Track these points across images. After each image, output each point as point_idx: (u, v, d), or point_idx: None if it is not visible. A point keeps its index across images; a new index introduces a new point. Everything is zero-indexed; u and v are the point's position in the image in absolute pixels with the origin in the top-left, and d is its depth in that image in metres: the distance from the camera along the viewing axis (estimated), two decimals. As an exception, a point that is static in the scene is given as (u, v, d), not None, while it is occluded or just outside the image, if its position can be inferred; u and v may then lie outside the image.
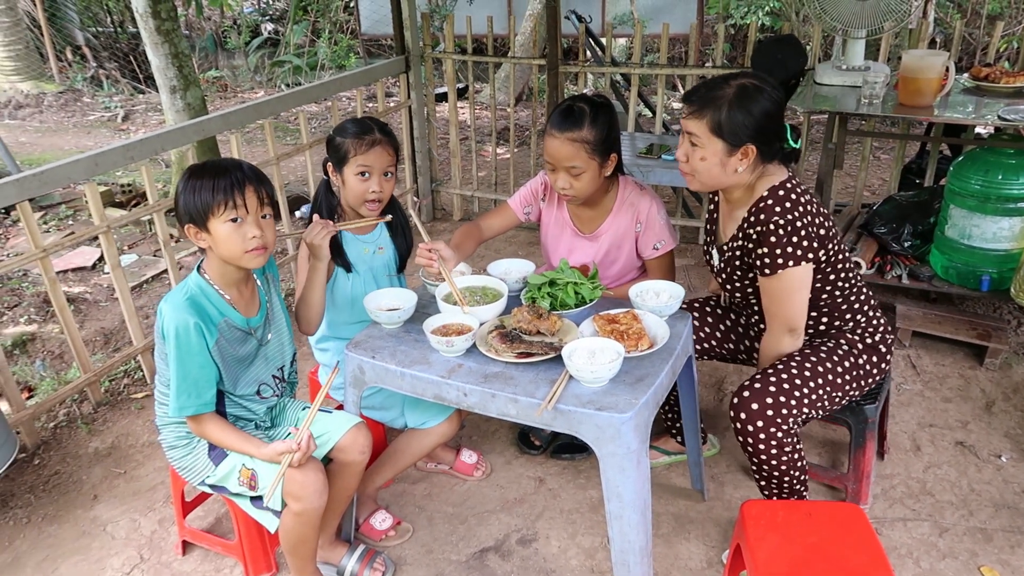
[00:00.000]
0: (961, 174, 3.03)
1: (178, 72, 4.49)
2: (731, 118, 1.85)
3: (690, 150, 1.94)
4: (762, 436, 1.91)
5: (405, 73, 4.49)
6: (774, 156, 1.94)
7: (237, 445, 1.90)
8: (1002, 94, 3.06)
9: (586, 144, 2.14)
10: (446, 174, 5.01)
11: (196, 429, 1.91)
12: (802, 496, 2.07)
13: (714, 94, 1.87)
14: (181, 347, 1.79)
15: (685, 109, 1.93)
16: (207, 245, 1.82)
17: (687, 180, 2.02)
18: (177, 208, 1.81)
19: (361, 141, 2.14)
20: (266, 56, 9.97)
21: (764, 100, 1.86)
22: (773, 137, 1.91)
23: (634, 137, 3.96)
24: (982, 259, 3.06)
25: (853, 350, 2.07)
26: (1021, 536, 2.24)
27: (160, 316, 1.83)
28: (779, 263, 1.89)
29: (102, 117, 8.42)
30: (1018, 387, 2.94)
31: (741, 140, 1.87)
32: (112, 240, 2.90)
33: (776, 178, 1.95)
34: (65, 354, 3.49)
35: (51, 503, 2.54)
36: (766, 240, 1.89)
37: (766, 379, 1.96)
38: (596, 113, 2.16)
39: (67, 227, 5.06)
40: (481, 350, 1.85)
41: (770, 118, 1.88)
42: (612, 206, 2.35)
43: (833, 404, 2.04)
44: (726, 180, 1.95)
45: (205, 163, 1.82)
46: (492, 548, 2.28)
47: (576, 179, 2.19)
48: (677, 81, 8.31)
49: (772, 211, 1.89)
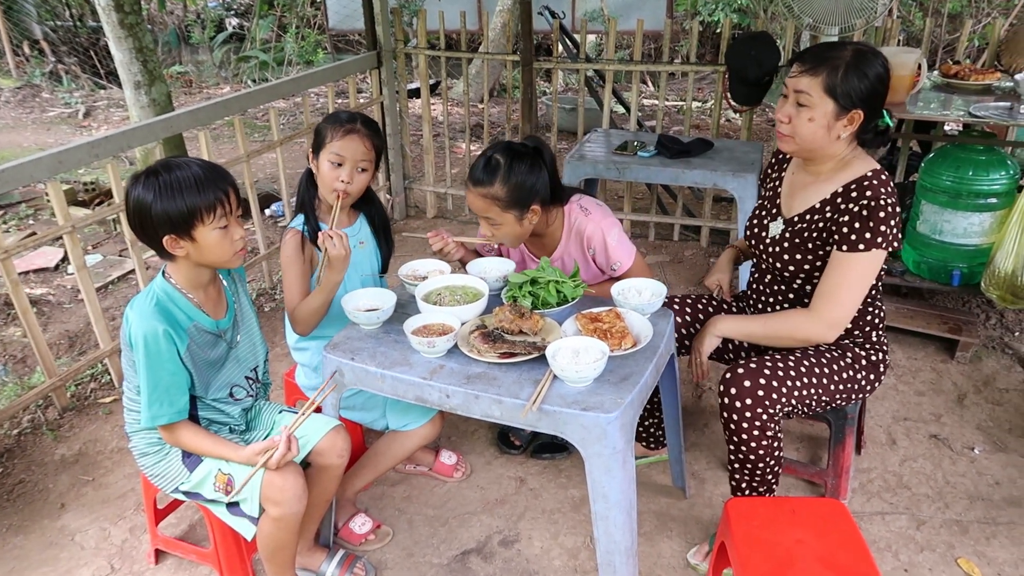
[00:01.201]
0: (932, 170, 3.07)
1: (142, 67, 4.39)
2: (847, 79, 1.83)
3: (794, 111, 1.90)
4: (747, 415, 1.90)
5: (377, 69, 4.43)
6: (870, 133, 1.93)
7: (213, 451, 1.84)
8: (971, 91, 3.12)
9: (497, 200, 2.10)
10: (419, 171, 4.97)
11: (169, 438, 1.85)
12: (772, 489, 2.06)
13: (831, 54, 1.86)
14: (151, 355, 1.73)
15: (795, 69, 1.89)
16: (185, 254, 1.75)
17: (783, 142, 1.97)
18: (146, 218, 1.69)
19: (339, 128, 2.10)
20: (231, 51, 9.79)
21: (879, 66, 1.86)
22: (880, 107, 1.90)
23: (609, 134, 3.95)
24: (953, 254, 3.11)
25: (855, 364, 2.06)
26: (996, 527, 2.27)
27: (127, 323, 1.77)
28: (869, 239, 1.85)
29: (62, 113, 8.20)
30: (988, 380, 2.99)
31: (853, 103, 1.85)
32: (77, 240, 2.81)
33: (875, 164, 1.94)
34: (28, 358, 3.39)
35: (16, 513, 2.46)
36: (871, 214, 1.85)
37: (762, 362, 1.95)
38: (511, 166, 2.08)
39: (27, 227, 4.91)
40: (463, 350, 1.82)
41: (882, 83, 1.87)
42: (560, 235, 2.31)
43: (819, 406, 2.04)
44: (826, 146, 1.92)
45: (163, 165, 1.70)
46: (474, 550, 2.25)
47: (496, 229, 2.17)
48: (648, 79, 8.35)
49: (879, 190, 1.87)
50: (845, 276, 1.90)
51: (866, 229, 1.86)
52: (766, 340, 2.07)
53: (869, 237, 1.85)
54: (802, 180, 2.06)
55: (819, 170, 2.00)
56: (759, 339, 2.09)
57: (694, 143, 3.55)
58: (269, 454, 1.77)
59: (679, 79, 8.61)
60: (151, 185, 1.68)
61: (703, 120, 7.10)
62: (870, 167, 1.93)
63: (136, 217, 1.72)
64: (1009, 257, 2.87)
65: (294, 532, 1.90)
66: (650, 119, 7.00)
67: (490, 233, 2.19)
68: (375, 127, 2.18)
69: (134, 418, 1.88)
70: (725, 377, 1.95)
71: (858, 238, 1.86)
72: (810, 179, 2.04)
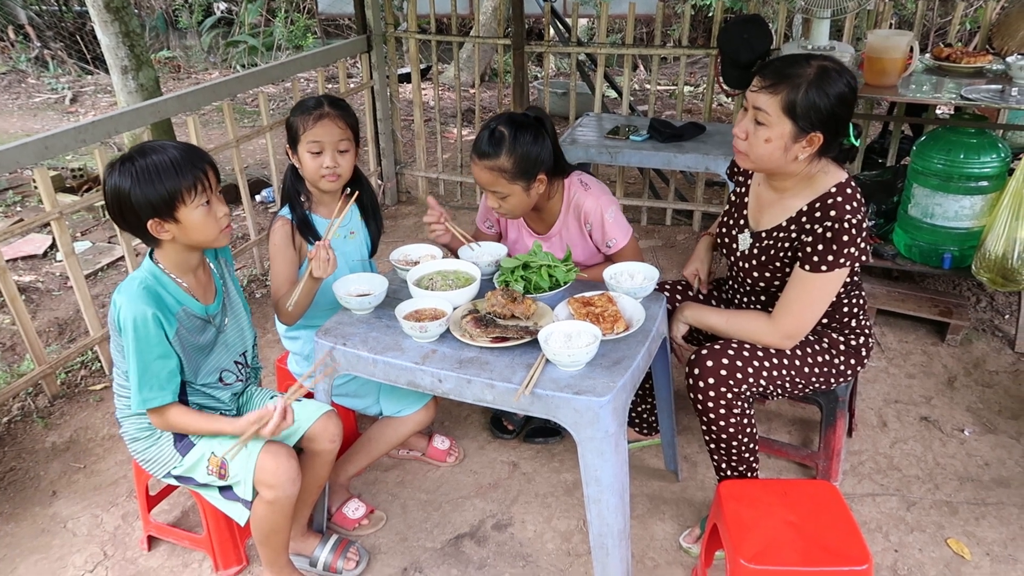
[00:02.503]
0: (924, 154, 3.07)
1: (129, 51, 4.34)
2: (807, 99, 1.75)
3: (752, 128, 1.83)
4: (711, 394, 1.91)
5: (367, 53, 4.40)
6: (833, 151, 1.88)
7: (207, 427, 1.83)
8: (963, 74, 3.11)
9: (504, 172, 2.09)
10: (410, 156, 4.94)
11: (160, 423, 1.84)
12: (753, 471, 2.06)
13: (793, 71, 1.77)
14: (140, 339, 1.72)
15: (756, 83, 1.82)
16: (171, 236, 1.73)
17: (739, 158, 1.92)
18: (127, 205, 1.67)
19: (309, 116, 2.08)
20: (220, 36, 9.69)
21: (842, 85, 1.78)
22: (843, 128, 1.83)
23: (600, 118, 3.93)
24: (944, 237, 3.11)
25: (832, 349, 2.06)
26: (985, 508, 2.29)
27: (115, 308, 1.75)
28: (832, 260, 1.82)
29: (49, 99, 8.11)
30: (978, 363, 3.00)
31: (812, 126, 1.78)
32: (65, 227, 2.78)
33: (841, 176, 1.89)
34: (18, 346, 3.36)
35: (7, 501, 2.44)
36: (835, 236, 1.81)
37: (727, 344, 1.96)
38: (516, 137, 2.08)
39: (15, 214, 4.86)
40: (455, 335, 1.81)
41: (846, 105, 1.80)
42: (559, 208, 2.31)
43: (795, 389, 2.04)
44: (783, 166, 1.86)
45: (138, 151, 1.69)
46: (467, 534, 2.26)
47: (504, 201, 2.17)
48: (640, 63, 8.31)
49: (843, 209, 1.82)
50: (806, 294, 1.89)
51: (829, 252, 1.83)
52: (726, 335, 2.03)
53: (832, 259, 1.83)
54: (768, 195, 2.03)
55: (783, 186, 1.96)
56: (720, 333, 2.06)
57: (686, 127, 3.54)
58: (263, 422, 1.75)
59: (671, 63, 8.58)
60: (127, 172, 1.66)
61: (695, 104, 7.08)
62: (836, 181, 1.88)
63: (116, 206, 1.70)
64: (1000, 240, 2.87)
65: (288, 515, 1.90)
66: (642, 103, 6.98)
67: (497, 206, 2.18)
68: (344, 105, 2.15)
69: (124, 403, 1.87)
70: (691, 359, 1.96)
71: (820, 260, 1.84)
72: (775, 196, 2.00)
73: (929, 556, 2.13)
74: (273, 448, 1.84)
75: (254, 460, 1.82)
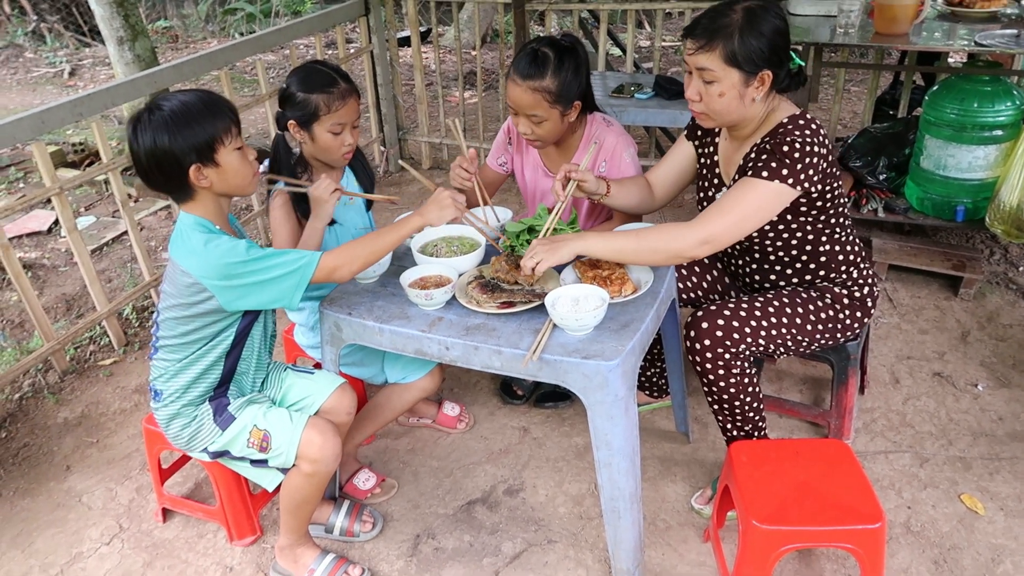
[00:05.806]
0: (936, 103, 3.00)
1: (124, 22, 4.27)
2: (745, 44, 1.73)
3: (703, 88, 1.81)
4: (708, 355, 1.89)
5: (365, 16, 4.31)
6: (784, 82, 1.85)
7: (388, 237, 1.78)
8: (976, 19, 3.02)
9: (547, 94, 2.06)
10: (413, 121, 4.88)
11: (337, 275, 1.75)
12: (760, 430, 2.05)
13: (721, 22, 1.76)
14: (255, 254, 1.66)
15: (690, 45, 1.79)
16: (208, 184, 1.66)
17: (700, 120, 1.89)
18: (166, 156, 1.60)
19: (332, 96, 2.00)
20: (217, 4, 9.55)
21: (773, 19, 1.77)
22: (786, 58, 1.82)
23: (605, 76, 3.86)
24: (957, 189, 3.06)
25: (836, 304, 2.03)
26: (999, 463, 2.27)
27: (203, 262, 1.64)
28: (774, 168, 1.77)
29: (47, 73, 8.04)
30: (992, 316, 2.97)
31: (758, 66, 1.76)
32: (66, 202, 2.76)
33: (793, 110, 1.87)
34: (26, 323, 3.37)
35: (22, 476, 2.47)
36: (775, 147, 1.78)
37: (724, 304, 1.94)
38: (561, 60, 2.05)
39: (18, 190, 4.85)
40: (461, 302, 1.79)
41: (782, 36, 1.78)
42: (579, 144, 2.29)
43: (799, 347, 2.02)
44: (744, 113, 1.84)
45: (156, 104, 1.63)
46: (479, 500, 2.26)
47: (538, 126, 2.13)
48: (644, 19, 8.15)
49: (790, 132, 1.80)
50: (740, 198, 1.80)
51: (772, 160, 1.78)
52: (637, 257, 1.82)
53: (774, 167, 1.77)
54: (731, 146, 2.01)
55: (743, 134, 1.94)
56: (629, 256, 1.82)
57: (692, 83, 3.46)
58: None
59: (676, 18, 8.41)
60: (159, 122, 1.59)
61: (701, 60, 6.94)
62: (787, 113, 1.86)
63: (152, 160, 1.62)
64: (1015, 190, 2.82)
65: (322, 489, 1.91)
66: (647, 60, 6.85)
67: (529, 131, 2.15)
68: (348, 75, 2.10)
69: (165, 368, 1.80)
70: (687, 321, 1.94)
71: (763, 166, 1.79)
72: (734, 145, 1.99)
73: (943, 512, 2.12)
74: (320, 424, 1.83)
75: (299, 434, 1.81)
